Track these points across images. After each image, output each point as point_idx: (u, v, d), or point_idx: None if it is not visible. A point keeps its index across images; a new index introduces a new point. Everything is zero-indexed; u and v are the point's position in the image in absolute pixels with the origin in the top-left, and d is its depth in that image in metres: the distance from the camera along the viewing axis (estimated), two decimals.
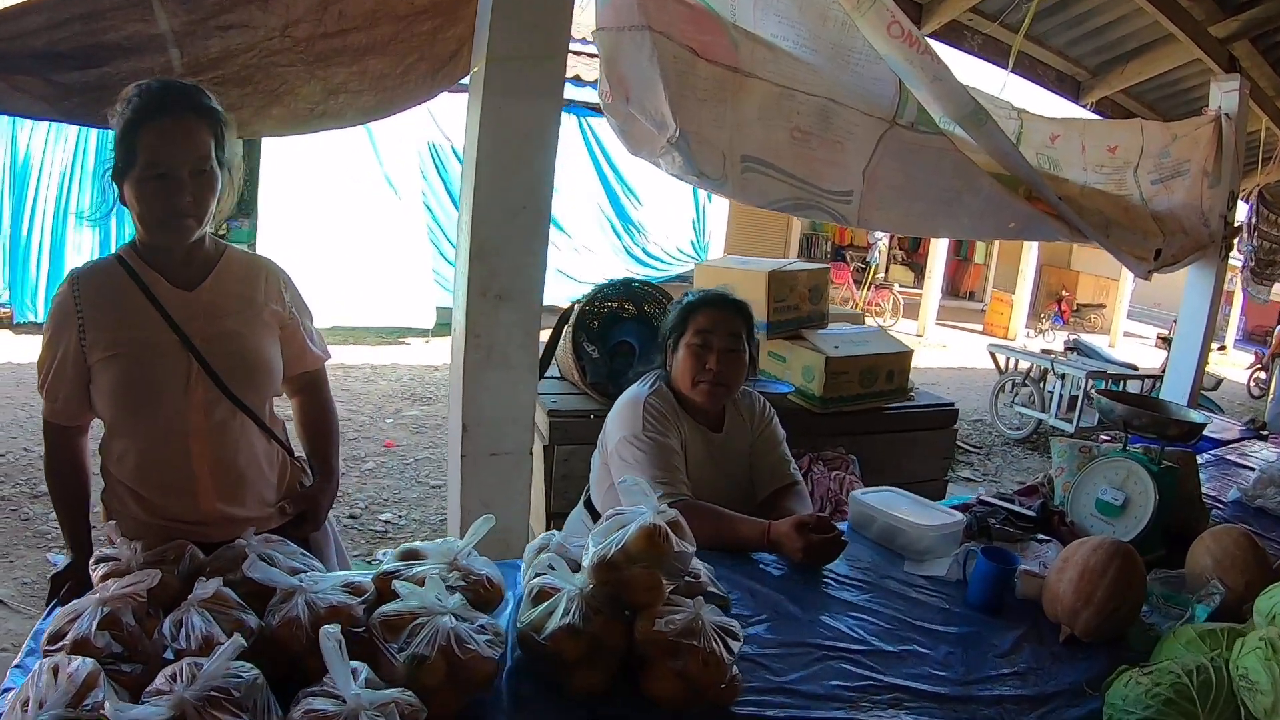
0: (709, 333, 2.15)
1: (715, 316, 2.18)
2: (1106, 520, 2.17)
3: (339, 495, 4.52)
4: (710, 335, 2.15)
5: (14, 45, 2.13)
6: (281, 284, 1.85)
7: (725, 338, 2.15)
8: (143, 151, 1.56)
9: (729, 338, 2.16)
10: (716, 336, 2.15)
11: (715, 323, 2.17)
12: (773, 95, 2.56)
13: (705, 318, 2.18)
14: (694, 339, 2.16)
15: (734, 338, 2.17)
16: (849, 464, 3.07)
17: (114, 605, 1.28)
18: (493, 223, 2.26)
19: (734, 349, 2.16)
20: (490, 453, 2.44)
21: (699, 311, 2.19)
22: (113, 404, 1.65)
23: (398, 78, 2.61)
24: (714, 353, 2.14)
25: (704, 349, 2.14)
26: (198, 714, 1.05)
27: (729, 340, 2.16)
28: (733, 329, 2.18)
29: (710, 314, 2.18)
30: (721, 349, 2.14)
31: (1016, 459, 6.90)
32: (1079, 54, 4.29)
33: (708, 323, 2.17)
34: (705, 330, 2.16)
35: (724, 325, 2.17)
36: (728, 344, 2.15)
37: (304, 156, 8.02)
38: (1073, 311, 15.66)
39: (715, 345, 2.14)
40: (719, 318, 2.18)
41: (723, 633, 1.35)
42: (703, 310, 2.19)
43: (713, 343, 2.14)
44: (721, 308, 2.21)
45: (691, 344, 2.16)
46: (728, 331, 2.16)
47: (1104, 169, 3.29)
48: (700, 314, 2.19)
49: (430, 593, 1.28)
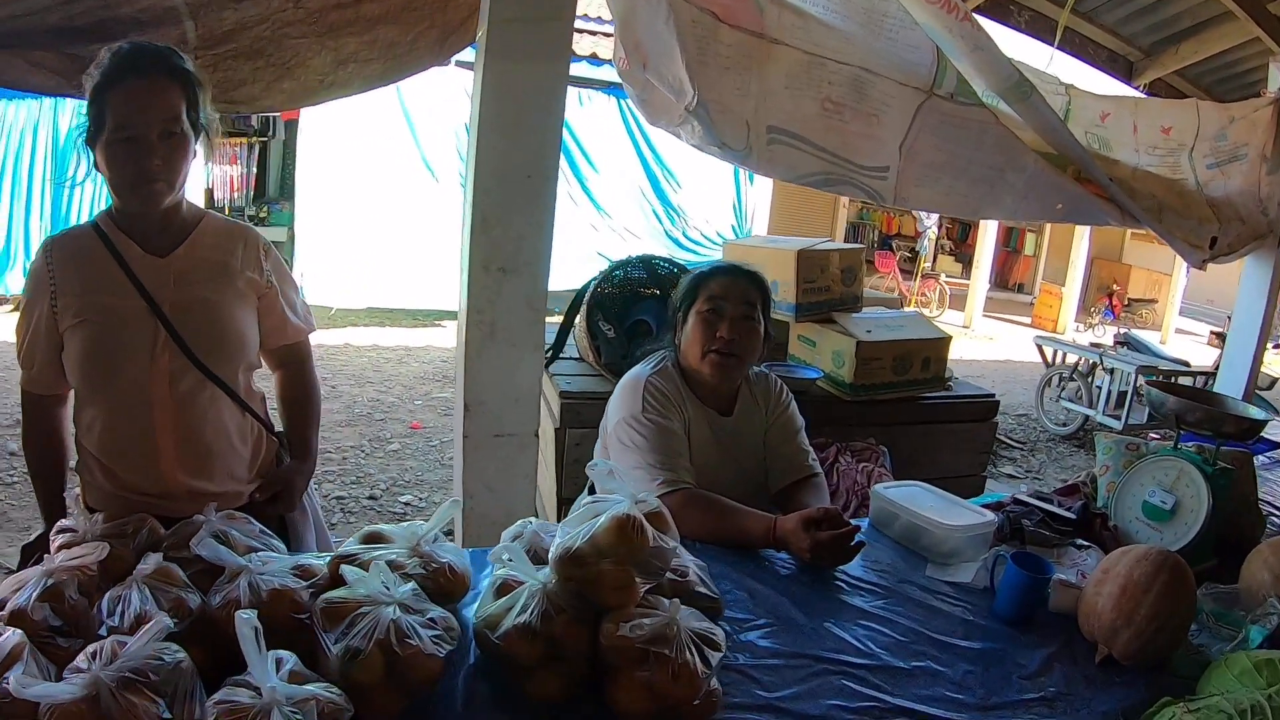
0: (721, 299, 2.02)
1: (729, 284, 2.05)
2: (1153, 525, 1.97)
3: (360, 476, 4.58)
4: (723, 302, 2.02)
5: (29, 21, 2.12)
6: (261, 251, 1.76)
7: (739, 305, 2.02)
8: (111, 114, 1.51)
9: (743, 305, 2.03)
10: (730, 304, 2.02)
11: (727, 290, 2.04)
12: (801, 63, 2.40)
13: (718, 285, 2.05)
14: (705, 305, 2.03)
15: (748, 306, 2.04)
16: (879, 456, 2.90)
17: (59, 577, 1.23)
18: (496, 193, 2.16)
19: (748, 316, 2.03)
20: (494, 434, 2.35)
21: (712, 279, 2.07)
22: (79, 371, 1.62)
23: (406, 45, 2.55)
24: (726, 320, 2.00)
25: (715, 315, 2.01)
26: (112, 695, 0.99)
27: (743, 308, 2.02)
28: (747, 298, 2.04)
29: (724, 281, 2.06)
30: (735, 316, 2.01)
31: (1061, 456, 6.63)
32: (1131, 32, 4.04)
33: (720, 290, 2.04)
34: (718, 297, 2.03)
35: (738, 293, 2.04)
36: (742, 311, 2.02)
37: (341, 138, 8.04)
38: (1124, 306, 15.01)
39: (728, 313, 2.01)
40: (733, 285, 2.05)
41: (700, 641, 1.20)
42: (716, 278, 2.07)
43: (725, 310, 2.01)
44: (735, 276, 2.08)
45: (702, 311, 2.03)
46: (742, 300, 2.03)
47: (1157, 150, 3.06)
48: (713, 281, 2.06)
49: (376, 580, 1.17)
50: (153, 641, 1.05)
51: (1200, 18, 3.77)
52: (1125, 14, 3.89)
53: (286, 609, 1.21)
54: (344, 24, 2.44)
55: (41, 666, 1.08)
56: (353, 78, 2.54)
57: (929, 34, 2.29)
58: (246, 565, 1.26)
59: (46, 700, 0.98)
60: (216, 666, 1.12)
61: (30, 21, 2.12)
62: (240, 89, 2.42)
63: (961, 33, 2.27)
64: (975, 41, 2.29)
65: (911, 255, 14.43)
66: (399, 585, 1.19)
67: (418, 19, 2.53)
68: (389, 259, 8.17)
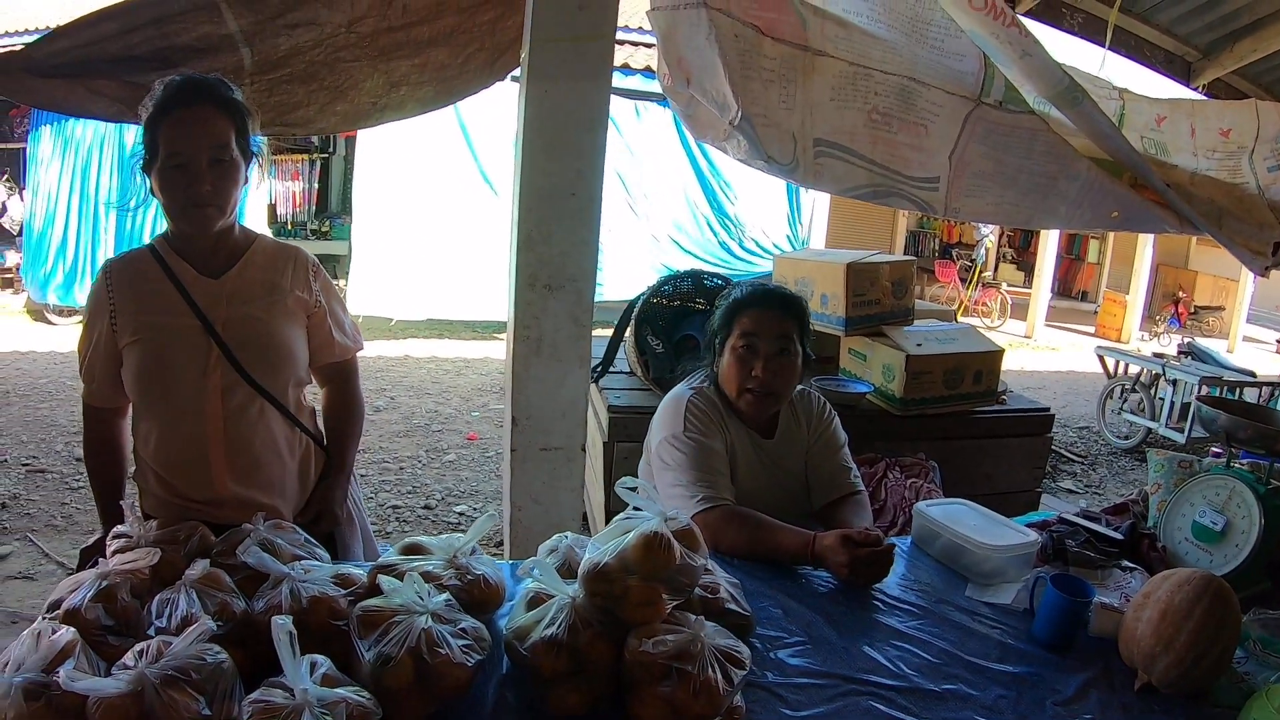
0: (754, 336, 1.99)
1: (761, 318, 2.00)
2: (1202, 547, 1.89)
3: (416, 486, 4.68)
4: (756, 340, 1.98)
5: (90, 51, 2.25)
6: (310, 271, 1.84)
7: (772, 341, 1.98)
8: (164, 143, 1.61)
9: (777, 340, 1.99)
10: (763, 340, 1.98)
11: (761, 325, 1.99)
12: (846, 75, 2.39)
13: (750, 320, 2.01)
14: (739, 343, 2.00)
15: (783, 339, 1.99)
16: (929, 471, 2.85)
17: (112, 580, 1.29)
18: (540, 210, 2.21)
19: (783, 351, 1.99)
20: (540, 447, 2.40)
21: (743, 313, 2.02)
22: (137, 386, 1.71)
23: (457, 68, 2.62)
24: (760, 358, 1.98)
25: (750, 354, 1.98)
26: (155, 692, 1.04)
27: (777, 343, 1.99)
28: (781, 330, 2.00)
29: (756, 315, 2.01)
30: (768, 354, 1.98)
31: (1123, 470, 6.39)
32: (1187, 32, 3.91)
33: (753, 325, 2.00)
34: (750, 334, 1.99)
35: (771, 327, 1.99)
36: (775, 348, 1.98)
37: (399, 153, 8.21)
38: (1189, 314, 14.39)
39: (761, 351, 1.98)
40: (765, 319, 2.00)
41: (724, 658, 1.21)
42: (747, 312, 2.02)
43: (759, 348, 1.98)
44: (768, 307, 2.02)
45: (736, 348, 2.00)
46: (775, 334, 1.99)
47: (1215, 154, 2.93)
48: (745, 315, 2.02)
49: (410, 590, 1.21)
50: (197, 642, 1.10)
51: (1258, 14, 3.65)
52: (1180, 13, 3.78)
53: (325, 615, 1.26)
54: (395, 47, 2.53)
55: (92, 663, 1.13)
56: (405, 100, 2.62)
57: (975, 41, 2.25)
58: (289, 573, 1.31)
59: (94, 693, 1.03)
60: (258, 668, 1.16)
61: (92, 51, 2.25)
62: (295, 112, 2.52)
63: (1008, 38, 2.22)
64: (1023, 47, 2.23)
65: (971, 264, 14.13)
66: (433, 596, 1.23)
67: (467, 41, 2.61)
68: (448, 271, 8.31)
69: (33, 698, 1.05)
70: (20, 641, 1.11)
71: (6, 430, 5.36)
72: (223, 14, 2.29)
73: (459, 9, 2.54)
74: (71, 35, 2.24)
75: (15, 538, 3.91)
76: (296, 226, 9.96)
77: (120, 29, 2.24)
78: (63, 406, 5.87)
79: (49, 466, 4.79)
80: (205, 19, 2.29)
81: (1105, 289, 15.20)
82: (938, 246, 17.15)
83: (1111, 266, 16.38)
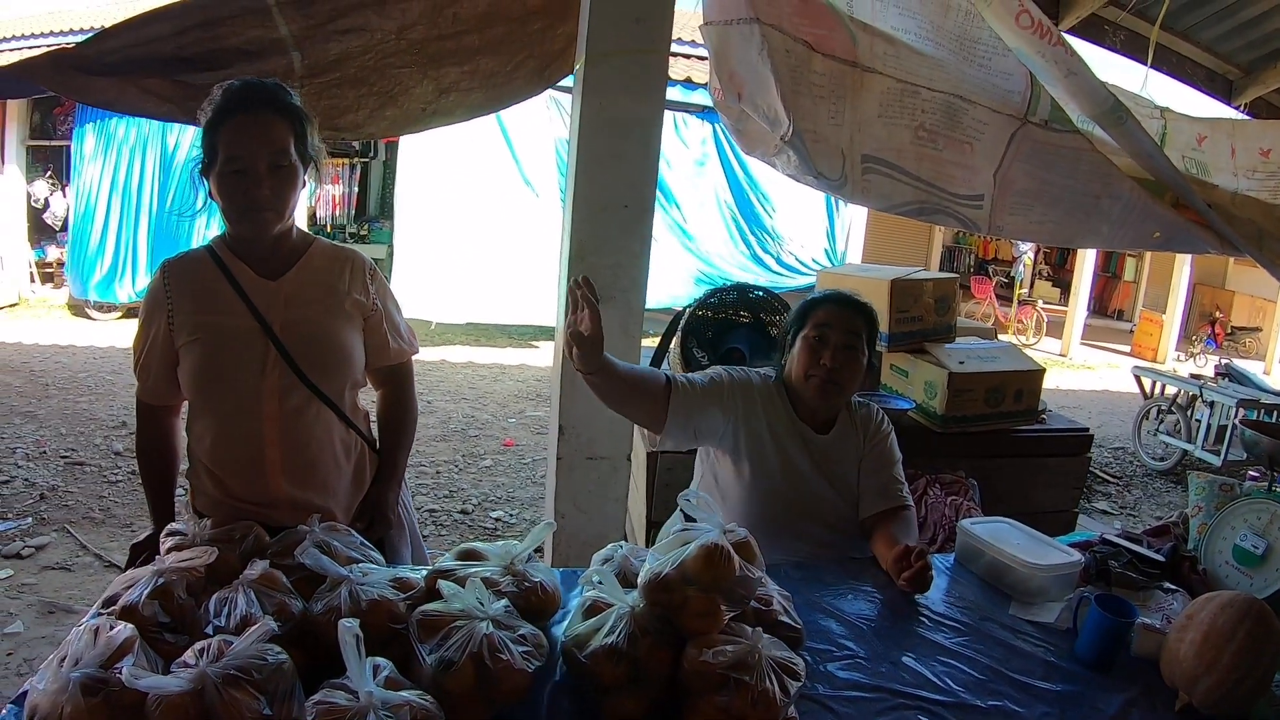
0: (827, 327, 2.08)
1: (835, 313, 2.10)
2: (1244, 570, 1.88)
3: (452, 490, 4.71)
4: (828, 330, 2.07)
5: (142, 50, 2.27)
6: (367, 274, 1.84)
7: (843, 334, 2.07)
8: (223, 147, 1.62)
9: (847, 334, 2.07)
10: (834, 331, 2.07)
11: (834, 318, 2.09)
12: (894, 92, 2.39)
13: (825, 313, 2.10)
14: (811, 332, 2.09)
15: (852, 335, 2.08)
16: (968, 489, 2.83)
17: (168, 578, 1.31)
18: (592, 223, 2.23)
19: (851, 346, 2.08)
20: (586, 456, 2.41)
21: (820, 307, 2.13)
22: (193, 385, 1.72)
23: (506, 75, 2.63)
24: (830, 348, 2.05)
25: (820, 343, 2.07)
26: (216, 691, 1.05)
27: (847, 337, 2.07)
28: (852, 327, 2.09)
29: (831, 309, 2.11)
30: (838, 344, 2.06)
31: (1158, 492, 6.30)
32: (1229, 50, 3.86)
33: (827, 317, 2.09)
34: (823, 324, 2.08)
35: (843, 322, 2.09)
36: (845, 340, 2.07)
37: (440, 156, 8.28)
38: (1227, 334, 14.11)
39: (832, 340, 2.06)
40: (839, 314, 2.10)
41: (781, 669, 1.22)
42: (824, 306, 2.13)
43: (830, 337, 2.06)
44: (843, 305, 2.14)
45: (809, 337, 2.09)
46: (846, 329, 2.08)
47: (1256, 174, 2.89)
48: (821, 309, 2.12)
49: (471, 596, 1.22)
50: (258, 642, 1.11)
51: None
52: (1222, 31, 3.74)
53: (384, 619, 1.27)
54: (445, 54, 2.54)
55: (150, 659, 1.15)
56: (455, 106, 2.64)
57: (1021, 59, 2.24)
58: (348, 575, 1.33)
59: (155, 691, 1.04)
60: (313, 669, 1.19)
61: (144, 51, 2.26)
62: (344, 116, 2.54)
63: (1055, 57, 2.21)
64: (1069, 66, 2.22)
65: (1008, 281, 13.97)
66: (493, 602, 1.24)
67: (517, 49, 2.62)
68: (488, 275, 8.35)
69: (90, 693, 1.06)
70: (77, 636, 1.12)
71: (46, 422, 5.49)
72: (274, 18, 2.30)
73: (509, 18, 2.55)
74: (122, 35, 2.26)
75: (54, 529, 4.00)
76: (336, 230, 10.08)
77: (171, 30, 2.26)
78: (102, 401, 6.00)
79: (88, 459, 4.90)
80: (256, 23, 2.30)
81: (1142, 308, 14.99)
82: (973, 262, 17.01)
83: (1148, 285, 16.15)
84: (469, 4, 2.45)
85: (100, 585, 3.38)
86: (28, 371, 6.68)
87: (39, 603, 3.31)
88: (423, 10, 2.43)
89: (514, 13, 2.54)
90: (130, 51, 2.25)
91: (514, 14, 2.55)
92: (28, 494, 4.37)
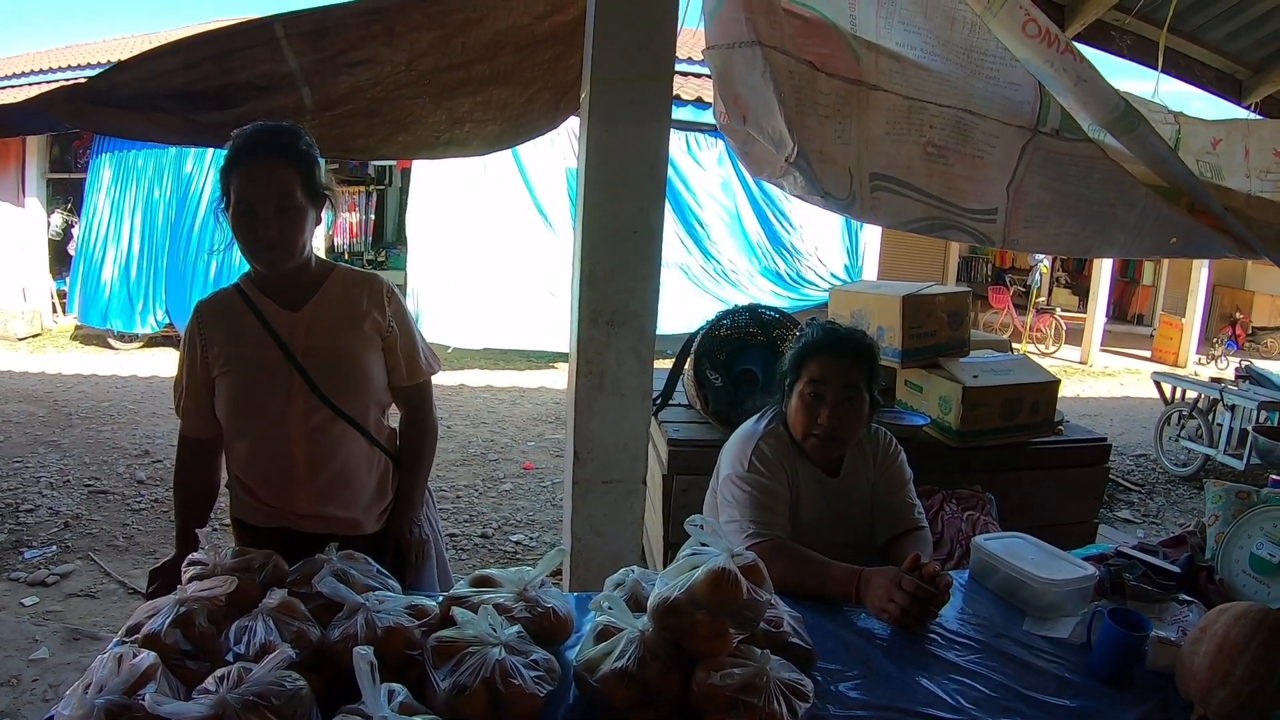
0: (822, 384, 2.00)
1: (830, 366, 2.01)
2: (1261, 580, 1.85)
3: (472, 514, 4.73)
4: (823, 387, 2.00)
5: (153, 85, 2.32)
6: (385, 297, 1.93)
7: (839, 389, 2.00)
8: (234, 191, 1.74)
9: (844, 389, 2.00)
10: (830, 388, 2.00)
11: (829, 372, 2.00)
12: (901, 108, 2.39)
13: (819, 366, 2.02)
14: (807, 389, 2.02)
15: (850, 389, 2.01)
16: (985, 504, 2.80)
17: (190, 606, 1.33)
18: (603, 248, 2.24)
19: (850, 399, 2.00)
20: (602, 480, 2.41)
21: (812, 359, 2.04)
22: (228, 411, 1.85)
23: (521, 106, 2.66)
24: (826, 405, 1.99)
25: (817, 401, 2.00)
26: (236, 716, 1.08)
27: (844, 391, 2.00)
28: (848, 379, 2.01)
29: (824, 363, 2.02)
30: (835, 402, 1.99)
31: (1180, 499, 6.20)
32: (1238, 49, 3.83)
33: (821, 372, 2.01)
34: (818, 381, 2.01)
35: (839, 375, 2.01)
36: (842, 395, 2.00)
37: (453, 183, 8.38)
38: (1248, 335, 13.90)
39: (829, 398, 1.99)
40: (834, 367, 2.01)
41: (789, 691, 1.23)
42: (817, 358, 2.03)
43: (826, 395, 1.99)
44: (837, 355, 2.03)
45: (804, 394, 2.02)
46: (843, 382, 2.00)
47: (1269, 175, 2.87)
48: (814, 361, 2.03)
49: (484, 622, 1.24)
50: (276, 669, 1.14)
51: None
52: (1229, 30, 3.72)
53: (399, 645, 1.29)
54: (456, 84, 2.58)
55: (172, 686, 1.18)
56: (470, 137, 2.68)
57: (1030, 69, 2.24)
58: (364, 603, 1.35)
59: (177, 717, 1.06)
60: (331, 695, 1.21)
61: (154, 85, 2.32)
62: (356, 140, 2.59)
63: (1063, 65, 2.20)
64: (1078, 74, 2.21)
65: (1025, 290, 13.88)
66: (505, 628, 1.26)
67: (531, 80, 2.65)
68: (504, 300, 8.42)
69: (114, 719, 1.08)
70: (102, 664, 1.15)
71: (70, 451, 5.57)
72: (283, 50, 2.34)
73: (516, 46, 2.59)
74: (134, 69, 2.31)
75: (78, 556, 4.06)
76: (353, 256, 10.23)
77: (182, 63, 2.30)
78: (124, 430, 6.09)
79: (111, 488, 4.97)
80: (266, 56, 2.34)
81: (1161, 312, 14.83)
82: (990, 272, 16.90)
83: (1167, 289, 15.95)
84: (476, 32, 2.49)
85: (124, 611, 3.42)
86: (51, 401, 6.79)
87: (64, 629, 3.35)
88: (432, 40, 2.47)
89: (521, 40, 2.58)
90: (142, 85, 2.31)
91: (521, 42, 2.58)
92: (52, 522, 4.44)
